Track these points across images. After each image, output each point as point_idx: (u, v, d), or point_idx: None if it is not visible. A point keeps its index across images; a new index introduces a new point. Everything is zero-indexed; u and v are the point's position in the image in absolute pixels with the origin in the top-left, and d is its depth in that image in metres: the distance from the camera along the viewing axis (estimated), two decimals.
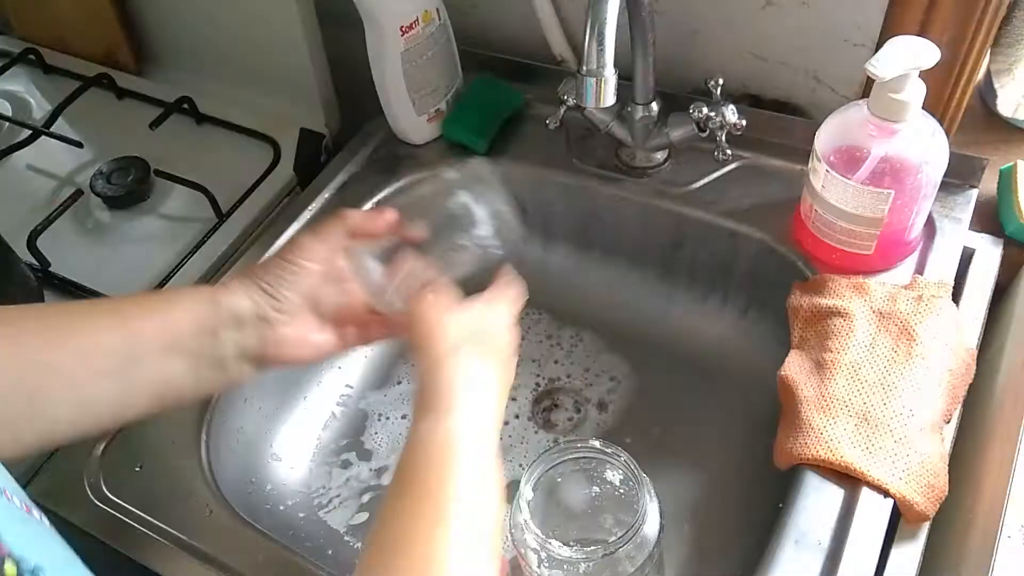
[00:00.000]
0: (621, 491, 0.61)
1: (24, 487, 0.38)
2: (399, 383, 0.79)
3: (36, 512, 0.37)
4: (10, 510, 0.35)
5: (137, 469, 0.63)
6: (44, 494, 0.62)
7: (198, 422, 0.66)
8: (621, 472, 0.61)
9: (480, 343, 0.51)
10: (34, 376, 0.45)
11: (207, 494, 0.61)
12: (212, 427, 0.66)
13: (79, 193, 0.84)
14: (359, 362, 0.80)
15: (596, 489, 0.61)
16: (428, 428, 0.47)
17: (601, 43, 0.54)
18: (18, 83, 1.01)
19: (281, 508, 0.70)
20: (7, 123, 0.95)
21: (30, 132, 0.90)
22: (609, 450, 0.59)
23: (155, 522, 0.60)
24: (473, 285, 0.55)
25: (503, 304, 0.54)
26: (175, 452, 0.64)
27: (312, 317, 0.54)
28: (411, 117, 0.80)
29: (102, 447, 0.64)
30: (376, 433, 0.76)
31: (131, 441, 0.65)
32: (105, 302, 0.53)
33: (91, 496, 0.62)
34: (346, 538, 0.69)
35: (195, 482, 0.62)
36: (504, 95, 0.83)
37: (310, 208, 0.78)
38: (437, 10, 0.76)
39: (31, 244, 0.78)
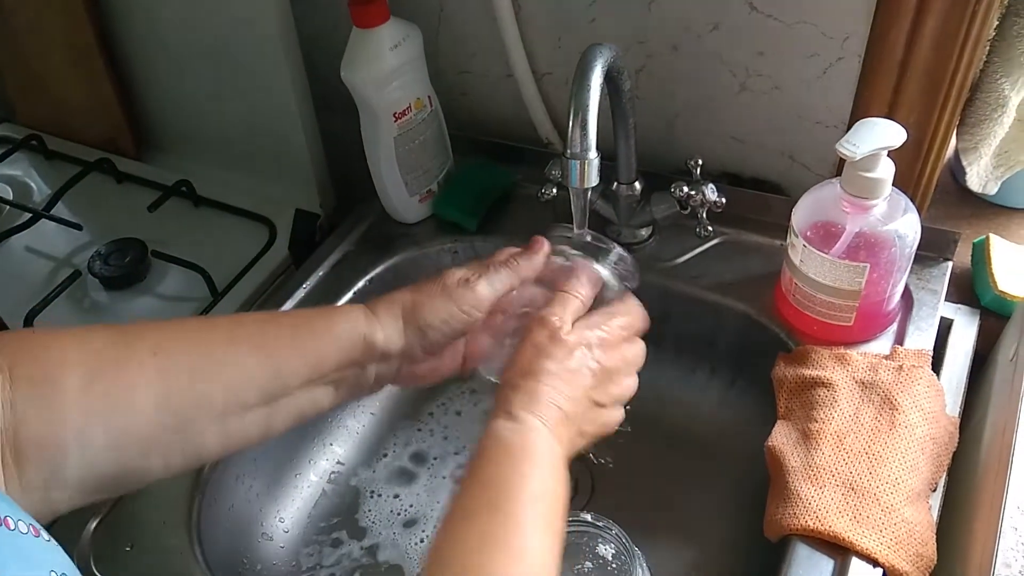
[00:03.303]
0: (614, 566, 0.61)
1: None
2: (385, 456, 0.79)
3: None
4: None
5: (128, 549, 0.63)
6: None
7: (189, 501, 0.65)
8: (613, 546, 0.61)
9: (560, 375, 0.50)
10: (182, 409, 0.47)
11: (198, 574, 0.61)
12: (203, 506, 0.66)
13: (77, 274, 0.86)
14: (351, 438, 0.80)
15: (588, 564, 0.61)
16: (501, 424, 0.47)
17: (584, 128, 0.57)
18: (20, 168, 1.04)
19: None
20: (8, 206, 0.97)
21: (30, 215, 0.92)
22: (600, 523, 0.60)
23: None
24: None
25: (605, 332, 0.53)
26: (166, 532, 0.64)
27: (449, 350, 0.57)
28: (403, 197, 0.82)
29: (93, 526, 0.64)
30: (369, 511, 0.76)
31: (122, 520, 0.64)
32: (251, 332, 0.51)
33: None
34: None
35: (186, 562, 0.62)
36: (493, 176, 0.86)
37: (304, 286, 0.80)
38: (429, 97, 0.79)
39: (28, 324, 0.79)
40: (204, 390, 0.48)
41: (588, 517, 0.61)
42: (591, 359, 0.52)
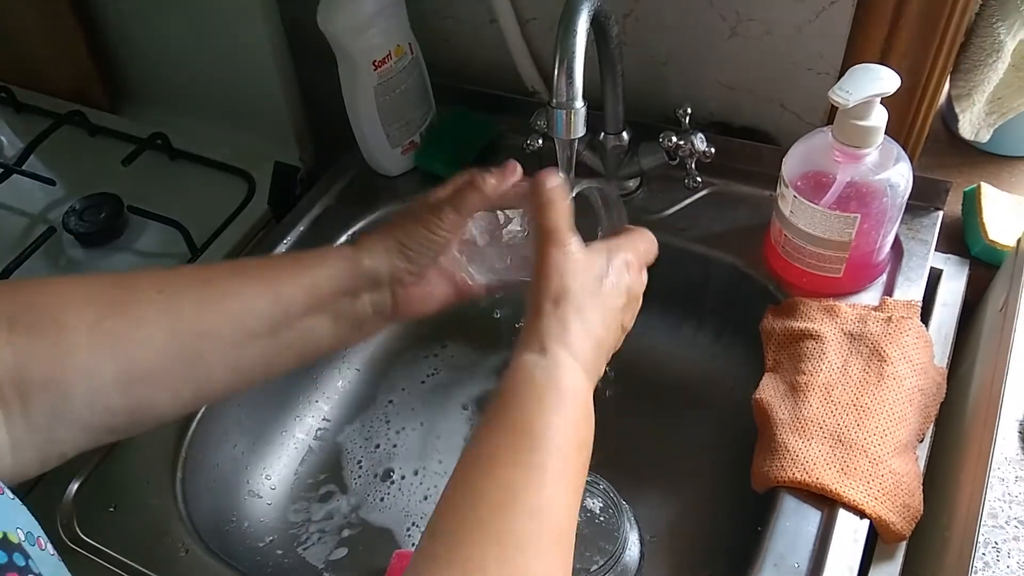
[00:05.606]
0: (601, 519, 0.61)
1: None
2: (369, 411, 0.79)
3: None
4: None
5: (111, 509, 0.62)
6: None
7: (173, 460, 0.65)
8: (600, 500, 0.61)
9: (593, 295, 0.49)
10: (190, 342, 0.48)
11: (183, 533, 0.60)
12: (188, 465, 0.65)
13: (52, 231, 0.84)
14: (336, 395, 0.80)
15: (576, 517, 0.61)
16: (532, 360, 0.46)
17: (570, 76, 0.55)
18: None
19: (260, 545, 0.69)
20: None
21: (1, 170, 0.90)
22: (588, 478, 0.59)
23: (130, 563, 0.59)
24: None
25: (628, 255, 0.52)
26: (150, 491, 0.63)
27: (436, 274, 0.56)
28: (385, 149, 0.80)
29: (76, 487, 0.63)
30: (356, 466, 0.75)
31: (105, 481, 0.64)
32: (250, 266, 0.53)
33: (64, 538, 0.61)
34: (325, 574, 0.68)
35: (171, 521, 0.61)
36: (477, 126, 0.84)
37: (285, 241, 0.79)
38: (409, 44, 0.77)
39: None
40: (211, 321, 0.49)
41: None
42: (621, 281, 0.51)
